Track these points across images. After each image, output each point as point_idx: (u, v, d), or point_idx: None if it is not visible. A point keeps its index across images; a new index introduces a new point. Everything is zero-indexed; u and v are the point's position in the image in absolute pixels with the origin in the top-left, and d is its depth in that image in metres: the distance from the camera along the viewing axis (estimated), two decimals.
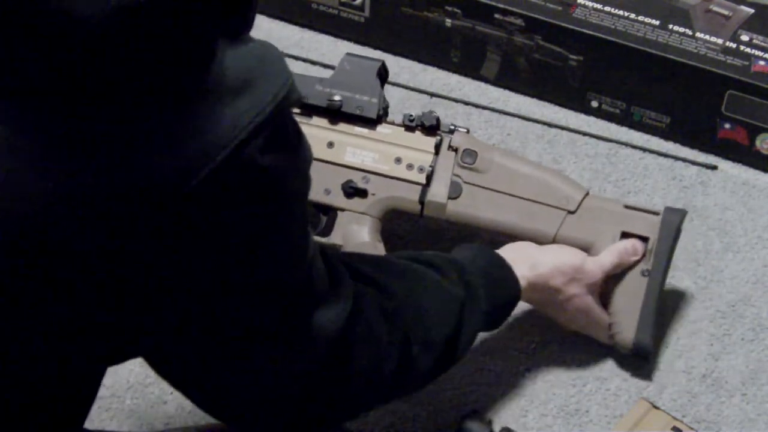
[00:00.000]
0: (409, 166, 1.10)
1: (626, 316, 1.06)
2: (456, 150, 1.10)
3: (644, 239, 1.07)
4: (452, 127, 1.11)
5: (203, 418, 1.00)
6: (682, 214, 1.08)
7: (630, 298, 1.06)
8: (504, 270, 0.99)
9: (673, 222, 1.06)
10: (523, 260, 1.01)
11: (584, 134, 1.30)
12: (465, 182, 1.09)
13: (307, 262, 0.74)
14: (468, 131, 1.11)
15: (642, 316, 1.05)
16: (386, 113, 1.12)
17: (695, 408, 1.07)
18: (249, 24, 0.64)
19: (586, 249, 1.07)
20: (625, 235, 1.07)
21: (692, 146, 1.28)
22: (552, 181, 1.10)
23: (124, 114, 0.58)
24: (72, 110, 0.57)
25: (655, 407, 1.05)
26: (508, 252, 1.01)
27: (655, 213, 1.08)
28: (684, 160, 1.27)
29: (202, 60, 0.60)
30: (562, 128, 1.30)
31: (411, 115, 1.11)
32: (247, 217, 0.65)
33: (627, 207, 1.09)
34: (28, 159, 0.57)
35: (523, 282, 1.00)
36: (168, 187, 0.59)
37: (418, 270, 0.91)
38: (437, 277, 0.91)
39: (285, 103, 0.64)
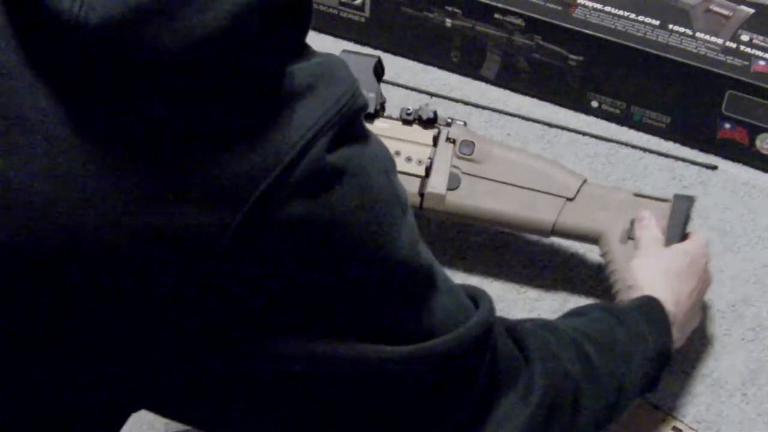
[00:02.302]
0: (408, 159, 1.10)
1: None
2: (454, 141, 1.10)
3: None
4: (449, 120, 1.11)
5: None
6: (691, 200, 1.08)
7: None
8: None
9: (683, 208, 1.07)
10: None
11: (584, 134, 1.30)
12: (463, 173, 1.09)
13: (432, 292, 0.71)
14: (465, 123, 1.11)
15: None
16: (383, 108, 1.12)
17: (695, 408, 1.07)
18: (306, 34, 0.65)
19: (595, 237, 1.08)
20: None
21: (692, 146, 1.28)
22: (550, 169, 1.10)
23: (192, 126, 0.59)
24: (143, 123, 0.58)
25: (655, 407, 1.05)
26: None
27: (665, 200, 1.08)
28: (684, 160, 1.27)
29: (272, 75, 0.61)
30: (562, 128, 1.30)
31: (408, 109, 1.11)
32: (331, 225, 0.63)
33: (636, 195, 1.10)
34: (102, 171, 0.58)
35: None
36: (238, 191, 0.59)
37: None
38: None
39: (350, 106, 0.64)
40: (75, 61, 0.57)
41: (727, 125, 1.25)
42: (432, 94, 1.33)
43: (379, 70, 1.11)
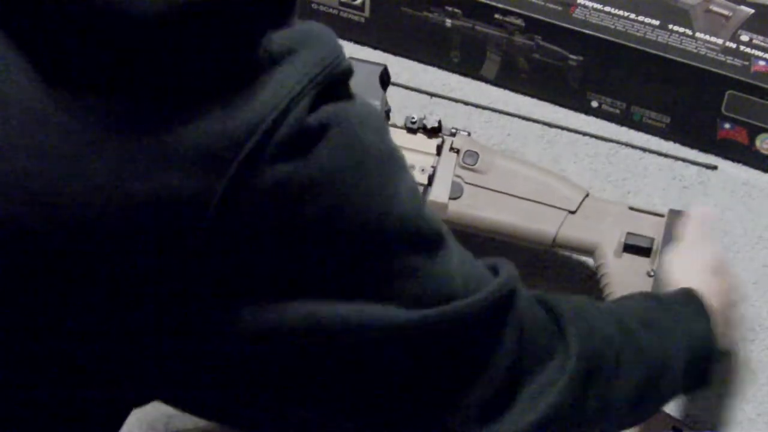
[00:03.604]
0: (411, 167, 1.10)
1: None
2: (457, 151, 1.10)
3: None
4: (453, 131, 1.11)
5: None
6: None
7: None
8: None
9: (677, 223, 1.07)
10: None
11: (584, 134, 1.30)
12: (466, 183, 1.10)
13: (444, 254, 0.69)
14: (469, 134, 1.11)
15: None
16: (388, 116, 1.12)
17: (695, 408, 1.07)
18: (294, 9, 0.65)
19: (590, 250, 1.08)
20: (630, 235, 1.07)
21: (692, 146, 1.28)
22: (552, 182, 1.10)
23: (172, 91, 0.58)
24: (123, 90, 0.58)
25: None
26: None
27: (660, 215, 1.08)
28: (684, 160, 1.27)
29: (255, 39, 0.61)
30: (562, 128, 1.30)
31: (413, 117, 1.11)
32: (319, 183, 0.62)
33: (631, 209, 1.09)
34: (82, 142, 0.58)
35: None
36: (222, 155, 0.59)
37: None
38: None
39: (333, 68, 0.64)
40: (49, 32, 0.57)
41: (727, 125, 1.25)
42: (432, 94, 1.33)
43: (385, 78, 1.11)
